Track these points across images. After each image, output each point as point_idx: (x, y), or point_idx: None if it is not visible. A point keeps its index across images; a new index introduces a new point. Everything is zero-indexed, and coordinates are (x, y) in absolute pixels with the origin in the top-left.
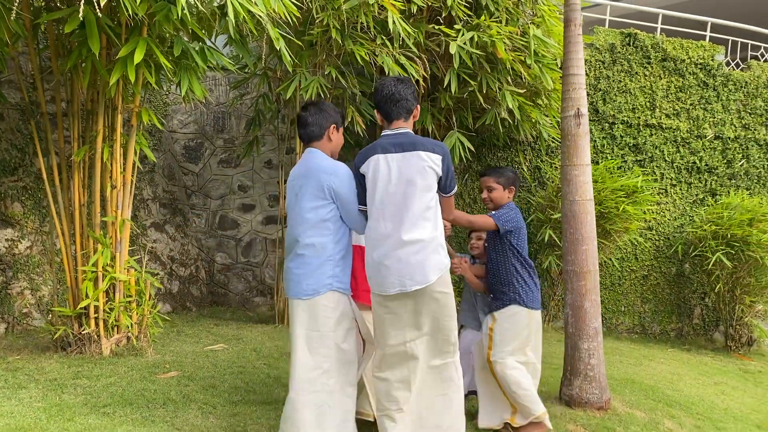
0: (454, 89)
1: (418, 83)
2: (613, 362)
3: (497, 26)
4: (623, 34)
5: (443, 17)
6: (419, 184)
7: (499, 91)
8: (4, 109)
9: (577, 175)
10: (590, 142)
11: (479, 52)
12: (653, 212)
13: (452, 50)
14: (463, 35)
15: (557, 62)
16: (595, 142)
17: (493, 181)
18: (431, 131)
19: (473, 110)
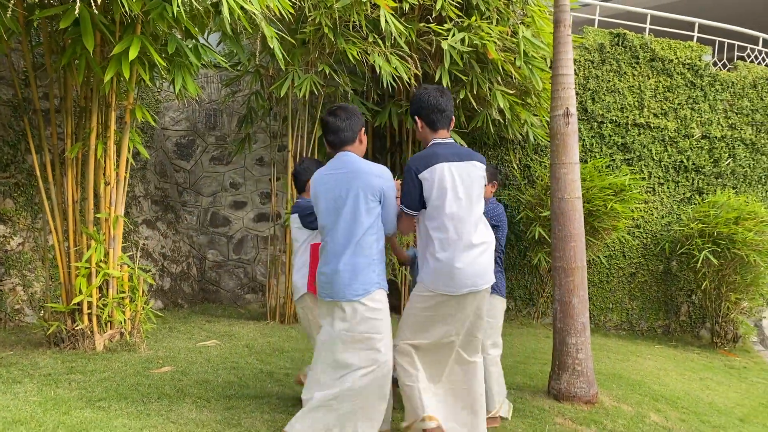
0: (445, 86)
1: (409, 82)
2: (601, 358)
3: (488, 26)
4: (612, 34)
5: (434, 16)
6: (477, 191)
7: (489, 91)
8: None
9: (565, 173)
10: (579, 140)
11: (470, 49)
12: (641, 210)
13: (444, 46)
14: (454, 35)
15: (547, 62)
16: (584, 140)
17: None
18: None
19: (465, 110)
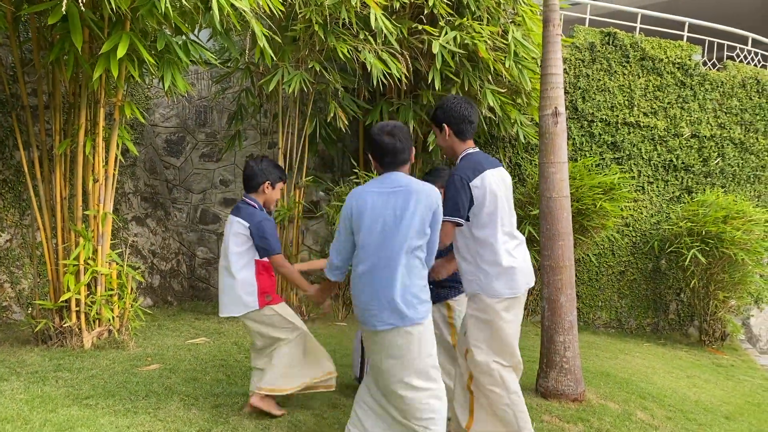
0: (438, 87)
1: (400, 80)
2: (589, 356)
3: (479, 26)
4: (603, 33)
5: (425, 15)
6: (511, 196)
7: (480, 89)
8: None
9: (554, 172)
10: (569, 139)
11: (462, 51)
12: (630, 209)
13: (435, 50)
14: (446, 34)
15: (537, 62)
16: (574, 139)
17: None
18: (413, 128)
19: None
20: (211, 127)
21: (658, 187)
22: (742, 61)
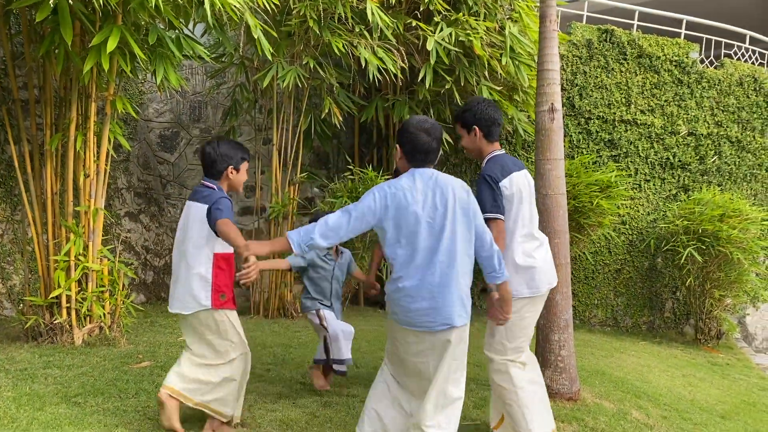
0: (428, 84)
1: (396, 76)
2: (584, 354)
3: (475, 22)
4: (600, 30)
5: (422, 10)
6: (534, 197)
7: (476, 85)
8: None
9: (550, 169)
10: (566, 136)
11: (457, 49)
12: (627, 207)
13: (429, 46)
14: (441, 30)
15: (534, 58)
16: (570, 137)
17: None
18: None
19: (451, 104)
20: (205, 122)
21: (654, 185)
22: (739, 59)
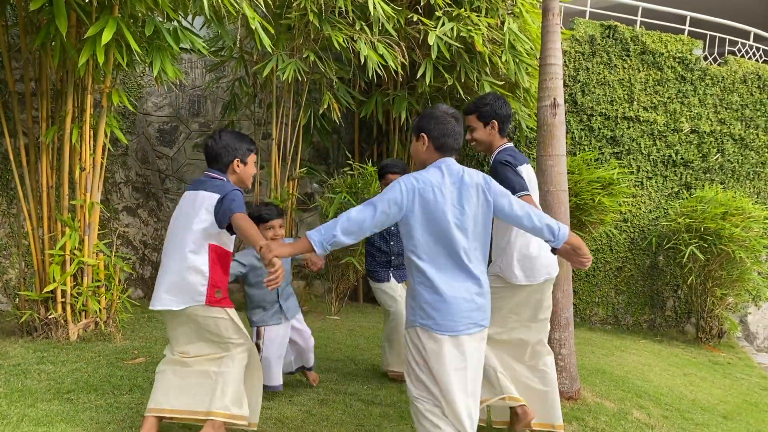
0: (429, 79)
1: (396, 72)
2: (585, 353)
3: (477, 17)
4: (603, 26)
5: (423, 5)
6: (537, 191)
7: (477, 81)
8: None
9: (551, 165)
10: (568, 133)
11: (458, 44)
12: (629, 204)
13: (430, 41)
14: (443, 25)
15: (533, 56)
16: (573, 133)
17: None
18: (405, 119)
19: (452, 100)
20: (204, 116)
21: (656, 182)
22: (743, 56)
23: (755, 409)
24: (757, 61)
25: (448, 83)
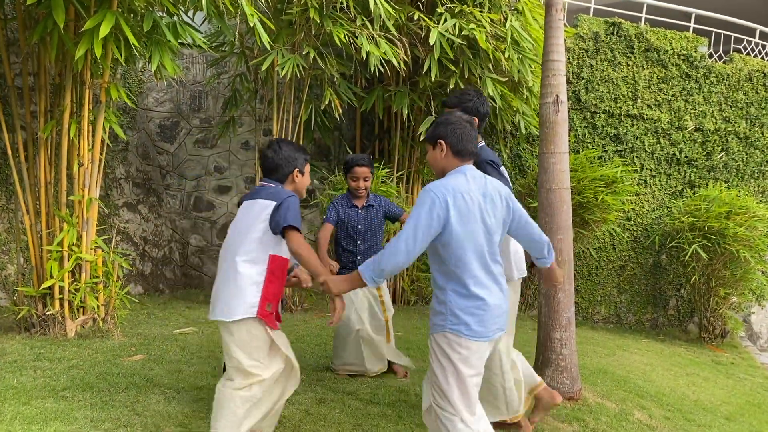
0: (434, 76)
1: (398, 67)
2: (586, 352)
3: (480, 13)
4: (607, 23)
5: (425, 1)
6: None
7: (480, 78)
8: None
9: (554, 163)
10: (571, 130)
11: (460, 41)
12: (632, 203)
13: (432, 40)
14: (445, 22)
15: (535, 54)
16: (576, 131)
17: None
18: (407, 116)
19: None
20: (205, 112)
21: (660, 180)
22: (749, 53)
23: (758, 410)
24: (762, 59)
25: (451, 79)
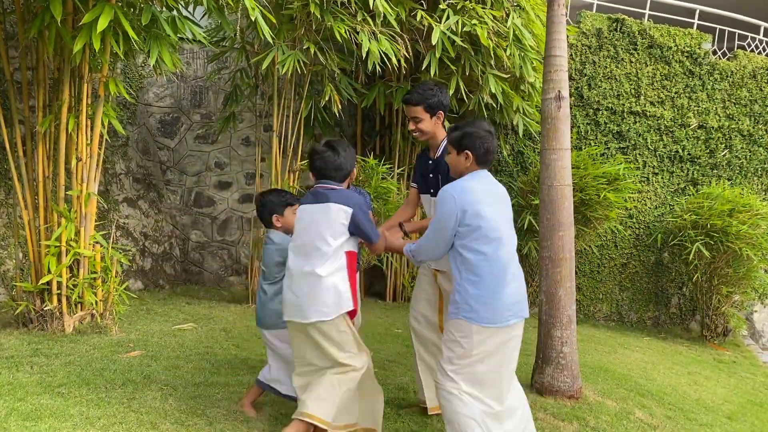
0: (433, 73)
1: (399, 63)
2: (587, 350)
3: (482, 10)
4: (610, 19)
5: None
6: None
7: (482, 75)
8: None
9: (555, 159)
10: (574, 127)
11: (460, 40)
12: (634, 200)
13: (434, 40)
14: (447, 19)
15: (536, 52)
16: (578, 128)
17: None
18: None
19: (455, 94)
20: (206, 108)
21: (663, 178)
22: (753, 50)
23: (760, 409)
24: (767, 56)
25: (452, 77)
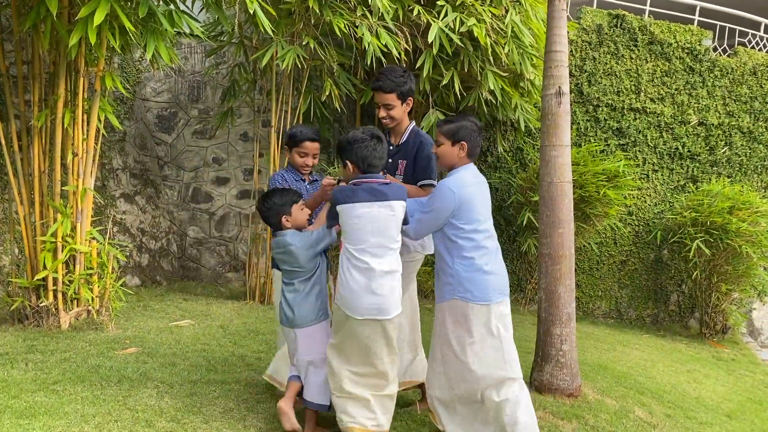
0: (427, 72)
1: (399, 59)
2: (587, 347)
3: (481, 7)
4: (611, 15)
5: None
6: None
7: (481, 71)
8: None
9: (555, 156)
10: (574, 124)
11: (459, 38)
12: (634, 197)
13: (431, 37)
14: (445, 15)
15: (536, 50)
16: (578, 124)
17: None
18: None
19: (453, 91)
20: (204, 103)
21: (662, 175)
22: (754, 47)
23: (759, 407)
24: (767, 53)
25: (446, 75)
